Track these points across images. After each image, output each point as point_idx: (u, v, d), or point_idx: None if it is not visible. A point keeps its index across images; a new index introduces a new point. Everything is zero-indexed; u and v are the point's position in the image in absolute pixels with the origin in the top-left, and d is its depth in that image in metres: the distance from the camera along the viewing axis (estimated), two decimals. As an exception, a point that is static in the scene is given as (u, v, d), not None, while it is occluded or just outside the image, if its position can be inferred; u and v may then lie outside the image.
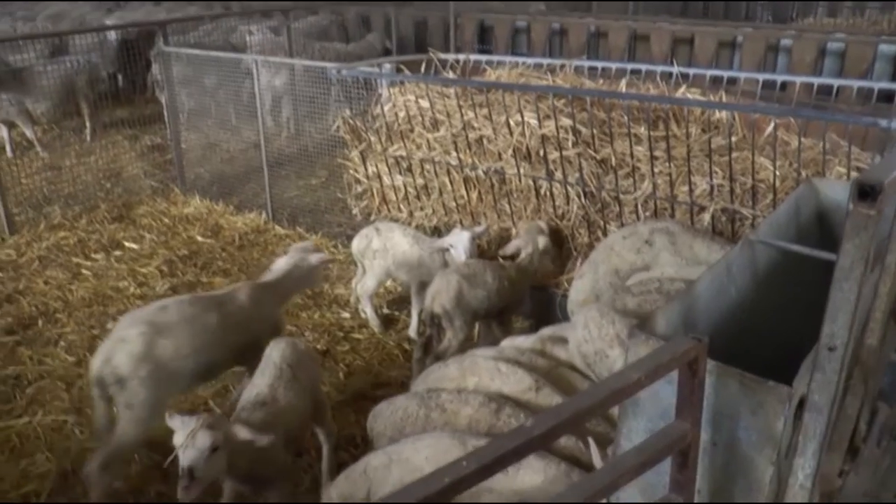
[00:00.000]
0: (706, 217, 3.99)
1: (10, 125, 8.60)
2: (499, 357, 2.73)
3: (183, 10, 13.75)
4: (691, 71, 5.05)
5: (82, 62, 8.88)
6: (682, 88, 4.81)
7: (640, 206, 4.26)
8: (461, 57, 5.77)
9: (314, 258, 4.17)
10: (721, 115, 4.54)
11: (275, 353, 3.34)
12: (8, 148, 8.62)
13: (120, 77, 10.96)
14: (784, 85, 5.31)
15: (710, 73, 5.12)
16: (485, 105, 4.60)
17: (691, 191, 4.02)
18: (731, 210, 3.95)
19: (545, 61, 5.51)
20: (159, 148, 8.86)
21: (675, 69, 4.98)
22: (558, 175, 4.49)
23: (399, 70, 5.57)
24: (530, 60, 5.51)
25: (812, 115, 3.90)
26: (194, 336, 3.47)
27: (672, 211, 4.13)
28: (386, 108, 5.16)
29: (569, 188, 4.47)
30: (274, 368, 3.25)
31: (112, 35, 10.53)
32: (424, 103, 4.89)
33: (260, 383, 3.20)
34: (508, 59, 5.61)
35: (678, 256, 3.42)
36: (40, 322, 5.03)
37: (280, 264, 4.11)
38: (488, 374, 2.62)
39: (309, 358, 3.51)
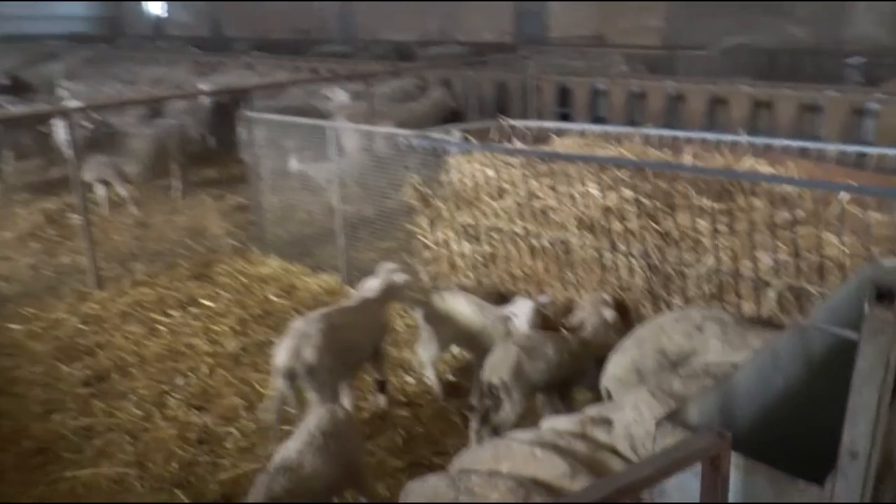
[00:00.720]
0: (771, 294, 3.92)
1: (107, 184, 9.14)
2: (536, 440, 2.73)
3: (272, 75, 14.43)
4: (759, 141, 5.00)
5: (175, 125, 9.42)
6: (749, 158, 4.77)
7: (703, 281, 4.21)
8: (531, 124, 5.88)
9: (399, 277, 4.89)
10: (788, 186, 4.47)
11: (312, 419, 3.48)
12: (104, 206, 9.16)
13: (210, 138, 11.53)
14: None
15: (778, 142, 5.07)
16: (548, 175, 4.68)
17: (756, 267, 3.96)
18: (798, 287, 3.87)
19: (613, 129, 5.56)
20: (242, 208, 9.21)
21: (744, 139, 4.95)
22: (622, 247, 4.50)
23: (468, 138, 5.71)
24: (597, 128, 5.57)
25: (881, 192, 3.81)
26: (353, 333, 4.45)
27: (736, 286, 4.06)
28: (453, 176, 5.28)
29: (632, 260, 4.47)
30: (307, 435, 3.38)
31: (206, 99, 11.12)
32: (490, 172, 4.99)
33: (291, 447, 3.32)
34: (577, 126, 5.69)
35: (728, 346, 3.37)
36: (114, 375, 5.29)
37: (375, 282, 4.85)
38: (522, 458, 2.63)
39: (348, 426, 3.61)
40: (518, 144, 5.48)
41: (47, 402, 5.01)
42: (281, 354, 4.17)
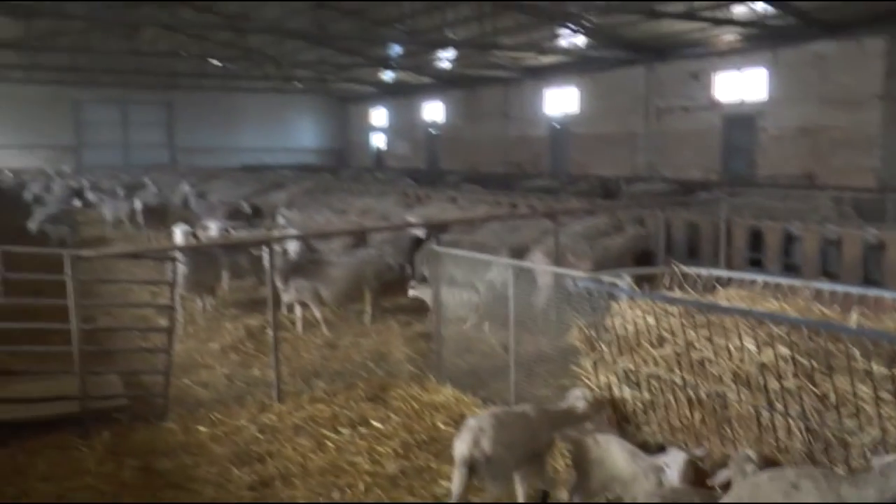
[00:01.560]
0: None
1: (304, 305, 10.06)
2: None
3: (473, 209, 15.30)
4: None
5: (374, 255, 10.28)
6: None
7: (868, 451, 4.02)
8: (702, 271, 5.92)
9: (582, 408, 5.39)
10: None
11: None
12: (298, 325, 10.06)
13: (408, 268, 12.35)
14: None
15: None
16: (704, 326, 4.71)
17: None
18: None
19: (786, 281, 5.50)
20: (425, 336, 9.74)
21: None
22: (779, 406, 4.40)
23: (638, 283, 5.86)
24: (766, 279, 5.53)
25: None
26: (521, 432, 5.03)
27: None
28: (616, 321, 5.43)
29: (790, 421, 4.35)
30: None
31: (408, 230, 12.00)
32: (650, 319, 5.10)
33: None
34: (745, 276, 5.68)
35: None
36: (278, 483, 5.75)
37: (562, 403, 5.48)
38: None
39: None
40: (681, 292, 5.54)
41: (214, 500, 5.53)
42: (461, 445, 4.84)
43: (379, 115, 49.66)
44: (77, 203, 24.21)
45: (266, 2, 26.71)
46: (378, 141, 50.35)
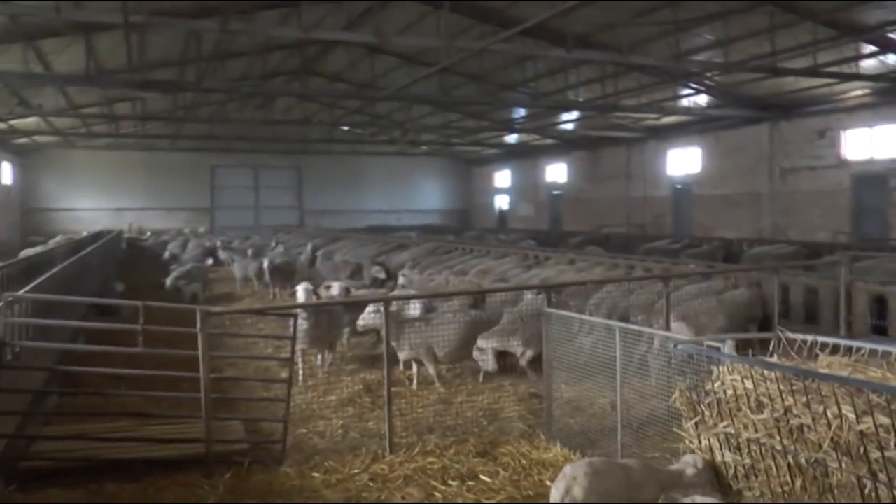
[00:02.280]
0: None
1: (419, 363, 10.49)
2: None
3: (591, 271, 15.43)
4: None
5: (484, 316, 10.64)
6: None
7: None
8: (808, 337, 5.94)
9: (690, 474, 5.52)
10: None
11: None
12: (414, 381, 10.48)
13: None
14: None
15: None
16: (802, 392, 4.77)
17: None
18: None
19: (893, 349, 5.46)
20: (538, 395, 9.93)
21: None
22: (882, 476, 4.40)
23: (745, 348, 5.94)
24: (876, 346, 5.50)
25: None
26: (618, 483, 5.22)
27: None
28: (717, 385, 5.54)
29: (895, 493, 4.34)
30: None
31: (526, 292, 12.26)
32: (749, 384, 5.19)
33: None
34: (852, 343, 5.66)
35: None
36: (383, 532, 6.10)
37: (673, 465, 5.70)
38: None
39: None
40: (783, 358, 5.60)
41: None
42: (554, 492, 5.14)
43: (503, 177, 50.53)
44: (210, 262, 25.85)
45: (393, 70, 28.08)
46: (502, 202, 51.14)
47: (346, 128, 41.31)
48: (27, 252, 21.48)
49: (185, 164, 46.33)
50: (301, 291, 11.18)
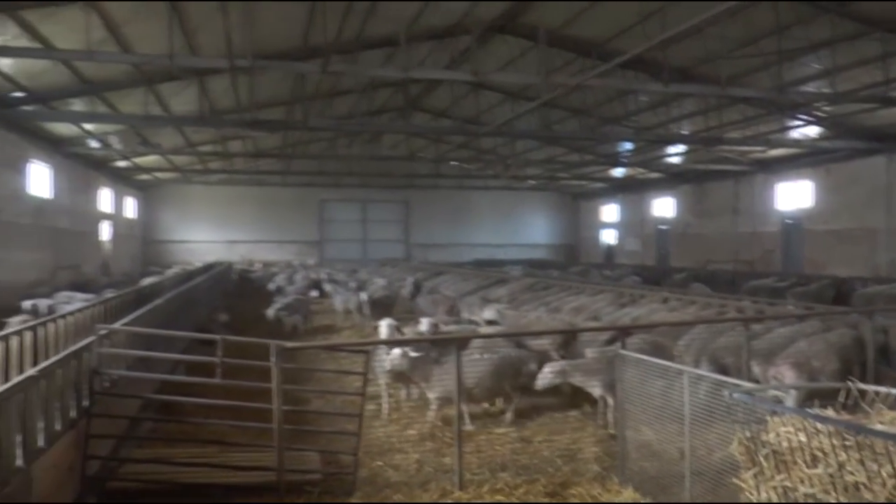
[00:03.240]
0: None
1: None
2: None
3: (683, 310, 15.16)
4: None
5: (515, 354, 10.85)
6: None
7: None
8: (881, 389, 5.72)
9: None
10: None
11: None
12: (508, 415, 10.62)
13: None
14: None
15: None
16: (855, 448, 4.62)
17: None
18: None
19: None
20: (617, 438, 9.83)
21: None
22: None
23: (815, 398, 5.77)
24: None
25: None
26: None
27: None
28: (772, 436, 5.41)
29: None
30: None
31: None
32: (802, 437, 5.05)
33: None
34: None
35: None
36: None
37: None
38: None
39: None
40: (836, 411, 5.42)
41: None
42: None
43: (610, 211, 50.05)
44: (314, 294, 26.63)
45: (497, 105, 28.46)
46: (609, 237, 50.61)
47: (452, 163, 41.94)
48: (147, 281, 22.88)
49: (294, 199, 48.17)
50: (384, 328, 11.46)
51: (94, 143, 27.93)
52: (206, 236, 47.32)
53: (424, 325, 12.55)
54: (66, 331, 10.24)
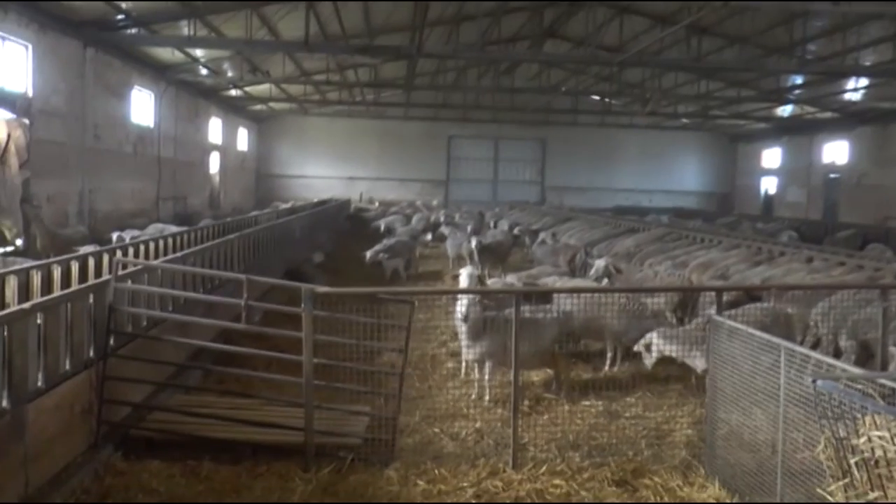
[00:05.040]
0: None
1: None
2: None
3: (828, 272, 13.81)
4: None
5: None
6: None
7: None
8: None
9: None
10: None
11: None
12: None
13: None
14: None
15: None
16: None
17: None
18: None
19: None
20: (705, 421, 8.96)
21: None
22: None
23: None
24: None
25: None
26: None
27: None
28: (861, 440, 4.54)
29: None
30: None
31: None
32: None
33: None
34: None
35: None
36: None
37: None
38: None
39: None
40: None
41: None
42: None
43: (771, 156, 47.30)
44: (428, 237, 26.42)
45: (644, 33, 26.94)
46: (769, 185, 47.91)
47: (593, 97, 40.57)
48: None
49: (420, 134, 48.05)
50: (464, 276, 10.83)
51: (202, 71, 28.51)
52: (324, 171, 48.07)
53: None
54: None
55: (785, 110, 39.74)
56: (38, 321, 6.35)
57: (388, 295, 8.37)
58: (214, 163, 37.62)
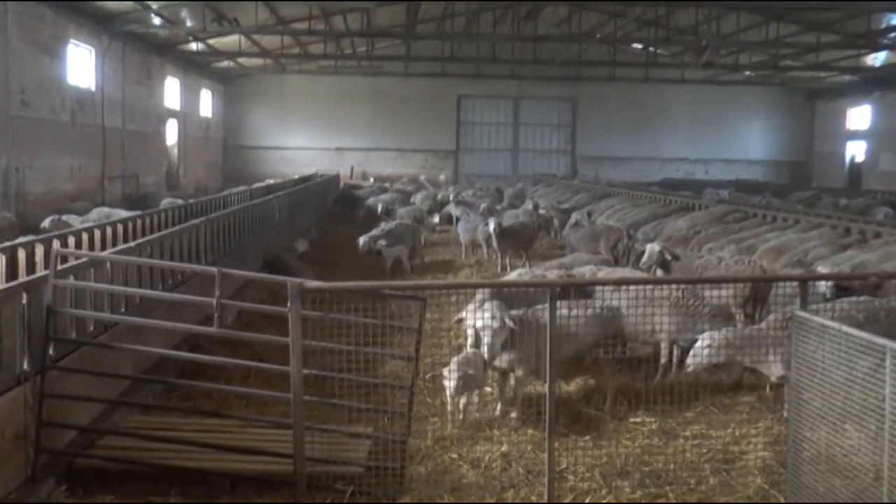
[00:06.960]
0: None
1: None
2: None
3: None
4: None
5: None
6: None
7: None
8: None
9: None
10: None
11: None
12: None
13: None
14: None
15: None
16: None
17: None
18: None
19: None
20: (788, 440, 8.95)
21: None
22: None
23: None
24: None
25: None
26: None
27: None
28: None
29: None
30: None
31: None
32: None
33: None
34: None
35: None
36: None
37: None
38: None
39: None
40: None
41: None
42: None
43: (860, 116, 47.22)
44: (435, 220, 26.44)
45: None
46: (857, 151, 47.85)
47: (636, 45, 40.49)
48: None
49: (423, 94, 47.96)
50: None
51: (154, 20, 28.39)
52: (307, 142, 48.21)
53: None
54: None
55: (877, 58, 39.63)
56: (-44, 328, 6.36)
57: (393, 290, 8.29)
58: (172, 133, 37.71)
